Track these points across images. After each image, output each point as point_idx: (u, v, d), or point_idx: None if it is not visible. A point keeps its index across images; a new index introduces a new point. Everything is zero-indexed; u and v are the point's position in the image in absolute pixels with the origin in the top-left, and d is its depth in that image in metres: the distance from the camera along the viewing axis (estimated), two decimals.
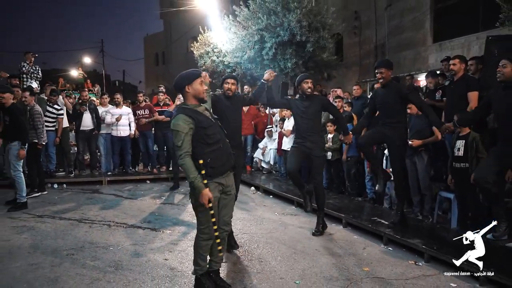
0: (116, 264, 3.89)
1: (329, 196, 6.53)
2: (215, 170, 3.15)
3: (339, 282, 3.55)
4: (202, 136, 3.11)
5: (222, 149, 3.22)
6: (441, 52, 12.01)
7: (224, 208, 3.34)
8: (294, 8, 10.28)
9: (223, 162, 3.23)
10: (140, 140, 8.92)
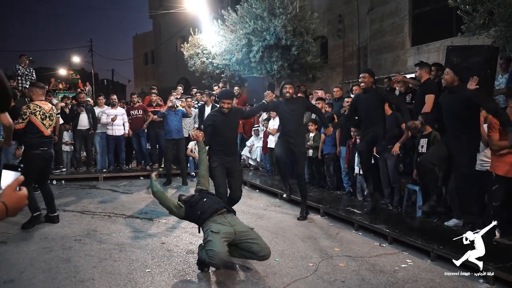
0: (119, 247, 4.45)
1: (310, 190, 7.15)
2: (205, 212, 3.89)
3: (312, 259, 4.16)
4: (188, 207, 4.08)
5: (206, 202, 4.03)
6: (418, 55, 12.74)
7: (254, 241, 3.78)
8: (279, 13, 10.87)
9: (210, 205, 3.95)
10: (133, 138, 9.44)
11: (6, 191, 1.36)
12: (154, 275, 3.69)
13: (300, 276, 3.71)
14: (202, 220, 3.83)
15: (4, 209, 1.33)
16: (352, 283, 3.57)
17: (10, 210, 1.34)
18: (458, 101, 4.45)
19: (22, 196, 1.39)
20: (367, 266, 4.00)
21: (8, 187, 1.37)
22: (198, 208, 3.91)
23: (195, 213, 3.91)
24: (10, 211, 1.34)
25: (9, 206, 1.34)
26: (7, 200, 1.34)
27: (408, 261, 4.16)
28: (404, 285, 3.56)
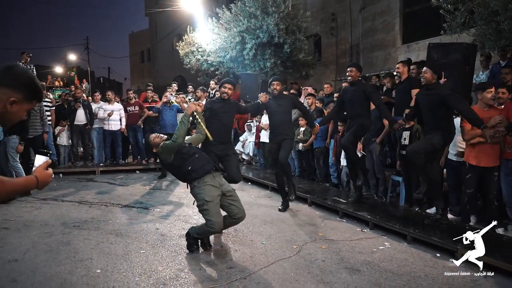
0: (116, 232, 4.72)
1: (300, 182, 7.45)
2: (197, 171, 3.99)
3: (297, 242, 4.45)
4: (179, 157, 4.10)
5: (198, 158, 4.09)
6: (409, 53, 13.03)
7: (234, 203, 4.11)
8: (272, 12, 11.15)
9: (202, 165, 4.04)
10: (130, 133, 9.69)
11: (38, 169, 1.83)
12: (148, 255, 3.97)
13: (284, 256, 4.00)
14: (191, 178, 4.02)
15: (36, 182, 1.76)
16: (331, 262, 3.86)
17: (40, 183, 1.77)
18: (434, 98, 4.70)
19: (49, 174, 1.85)
20: (347, 248, 4.29)
21: (40, 166, 1.84)
22: (190, 163, 4.03)
23: (185, 168, 4.04)
24: (40, 184, 1.77)
25: (40, 180, 1.77)
26: (38, 175, 1.79)
27: (386, 244, 4.46)
28: (379, 263, 3.85)
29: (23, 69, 1.66)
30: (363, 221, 5.22)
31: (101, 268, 3.63)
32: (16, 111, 1.64)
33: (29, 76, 1.65)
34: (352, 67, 5.72)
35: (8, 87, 1.59)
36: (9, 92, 1.59)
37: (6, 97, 1.59)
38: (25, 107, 1.67)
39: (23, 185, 1.75)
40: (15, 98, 1.60)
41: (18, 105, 1.62)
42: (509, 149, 4.48)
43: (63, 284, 3.28)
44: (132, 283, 3.32)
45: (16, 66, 1.63)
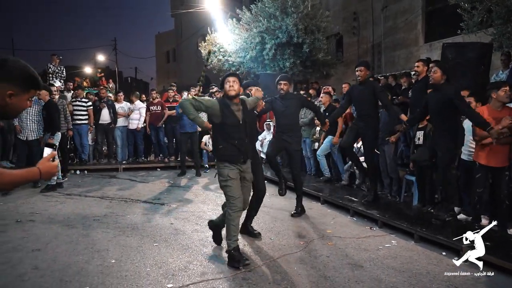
0: (132, 226, 4.96)
1: (314, 181, 7.56)
2: (224, 156, 3.90)
3: (305, 238, 4.58)
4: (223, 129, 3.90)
5: (235, 146, 3.89)
6: (431, 52, 12.85)
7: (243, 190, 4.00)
8: (291, 12, 11.26)
9: (233, 154, 3.89)
10: (152, 132, 10.02)
11: (42, 160, 1.88)
12: (161, 248, 4.18)
13: (290, 252, 4.13)
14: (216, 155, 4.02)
15: (39, 172, 1.82)
16: (336, 258, 3.97)
17: (43, 173, 1.83)
18: (441, 99, 4.71)
19: (53, 165, 1.89)
20: (354, 245, 4.38)
21: (44, 158, 1.90)
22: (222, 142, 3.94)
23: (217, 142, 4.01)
24: (43, 174, 1.84)
25: (43, 171, 1.83)
26: (41, 167, 1.84)
27: (393, 242, 4.52)
28: (383, 260, 3.93)
29: (15, 61, 1.70)
30: (373, 220, 5.28)
31: (116, 258, 3.86)
32: (16, 102, 1.71)
33: (22, 67, 1.71)
34: (361, 66, 5.71)
35: (3, 81, 1.66)
36: (5, 86, 1.66)
37: (3, 91, 1.67)
38: (25, 97, 1.74)
39: (24, 176, 1.79)
40: (12, 91, 1.67)
41: (16, 97, 1.70)
42: None
43: (79, 272, 3.52)
44: (143, 273, 3.53)
45: (7, 60, 1.68)
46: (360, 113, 5.83)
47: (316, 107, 6.46)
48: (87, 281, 3.33)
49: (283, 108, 5.55)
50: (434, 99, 4.79)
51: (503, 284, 3.44)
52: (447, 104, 4.59)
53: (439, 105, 4.71)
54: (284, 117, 5.58)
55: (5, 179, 1.70)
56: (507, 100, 4.80)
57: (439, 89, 4.74)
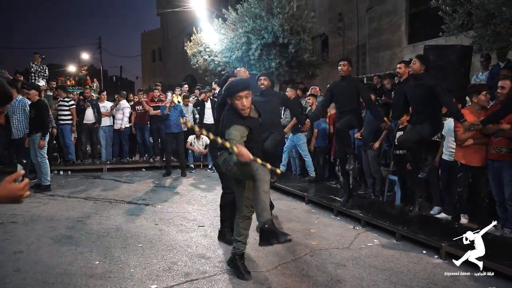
0: (117, 227, 4.94)
1: (299, 180, 7.62)
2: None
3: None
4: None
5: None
6: (415, 53, 12.93)
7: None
8: (277, 13, 11.31)
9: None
10: (137, 132, 9.97)
11: (4, 182, 1.63)
12: (145, 249, 4.18)
13: (274, 251, 4.16)
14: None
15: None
16: (319, 258, 4.02)
17: (1, 198, 1.61)
18: (423, 88, 4.82)
19: (15, 187, 1.63)
20: (336, 244, 4.45)
21: (6, 179, 1.64)
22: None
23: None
24: (2, 199, 1.61)
25: (1, 195, 1.61)
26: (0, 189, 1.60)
27: (375, 240, 4.60)
28: (365, 259, 4.00)
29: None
30: (356, 219, 5.36)
31: (100, 260, 3.85)
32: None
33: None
34: (344, 61, 5.71)
35: None
36: None
37: None
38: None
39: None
40: None
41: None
42: (494, 150, 4.57)
43: (63, 273, 3.51)
44: (127, 274, 3.53)
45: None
46: (341, 109, 5.75)
47: (296, 108, 6.38)
48: (70, 283, 3.32)
49: (263, 103, 5.30)
50: (416, 90, 4.87)
51: (482, 281, 3.52)
52: (427, 93, 4.68)
53: (420, 95, 4.78)
54: (264, 112, 5.50)
55: None
56: (487, 104, 4.93)
57: (419, 79, 4.82)
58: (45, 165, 7.02)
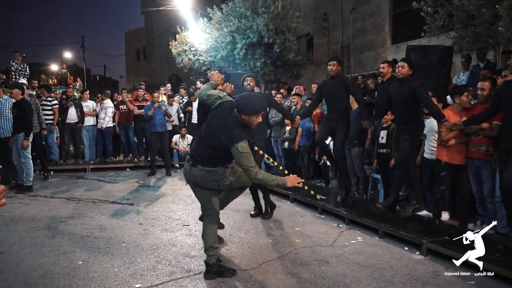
0: (100, 227, 4.90)
1: None
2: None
3: (273, 236, 4.66)
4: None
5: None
6: (398, 53, 13.20)
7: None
8: (262, 12, 11.33)
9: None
10: (121, 132, 9.88)
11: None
12: (129, 248, 4.16)
13: (259, 249, 4.20)
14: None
15: None
16: (303, 255, 4.06)
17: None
18: (406, 91, 4.87)
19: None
20: (321, 242, 4.49)
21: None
22: None
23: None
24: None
25: None
26: None
27: (359, 238, 4.66)
28: (348, 256, 4.05)
29: None
30: (340, 217, 5.41)
31: (83, 260, 3.82)
32: None
33: None
34: (333, 61, 5.74)
35: None
36: None
37: None
38: None
39: None
40: None
41: None
42: (474, 148, 4.67)
43: (45, 274, 3.47)
44: (111, 274, 3.51)
45: None
46: (332, 108, 5.80)
47: (281, 107, 6.37)
48: (53, 284, 3.29)
49: None
50: (398, 92, 4.89)
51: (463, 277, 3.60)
52: (411, 96, 4.71)
53: (403, 97, 4.81)
54: None
55: None
56: (469, 105, 5.03)
57: (405, 82, 4.85)
58: (29, 166, 6.91)
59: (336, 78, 5.77)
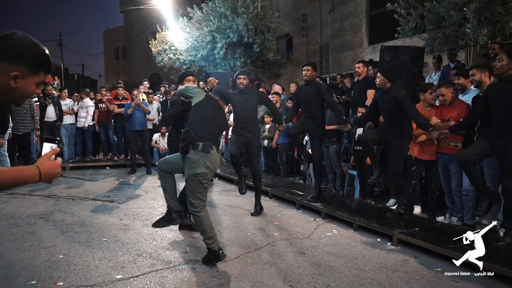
0: (80, 223, 4.95)
1: (264, 177, 7.79)
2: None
3: (252, 230, 4.79)
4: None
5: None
6: (375, 54, 13.51)
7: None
8: (242, 12, 11.49)
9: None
10: (101, 130, 9.86)
11: (42, 159, 1.55)
12: (110, 243, 4.23)
13: (238, 242, 4.32)
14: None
15: (38, 173, 1.49)
16: (280, 247, 4.21)
17: (43, 175, 1.51)
18: (391, 101, 4.90)
19: (55, 164, 1.56)
20: (297, 235, 4.65)
21: (45, 155, 1.56)
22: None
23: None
24: (43, 176, 1.51)
25: (43, 172, 1.50)
26: (41, 166, 1.50)
27: (334, 231, 4.84)
28: (323, 247, 4.22)
29: (22, 37, 1.44)
30: (317, 212, 5.59)
31: (64, 254, 3.87)
32: (23, 86, 1.44)
33: (30, 44, 1.45)
34: (308, 66, 5.80)
35: (6, 61, 1.40)
36: (8, 67, 1.40)
37: (6, 72, 1.40)
38: (33, 80, 1.47)
39: (22, 176, 1.47)
40: (17, 72, 1.41)
41: (23, 80, 1.43)
42: (443, 144, 4.91)
43: (26, 267, 3.52)
44: (92, 266, 3.58)
45: (13, 35, 1.42)
46: (307, 113, 5.88)
47: (274, 106, 6.41)
48: (34, 276, 3.34)
49: (242, 102, 5.53)
50: (385, 101, 4.96)
51: (428, 262, 3.81)
52: (396, 106, 4.77)
53: (390, 106, 4.88)
54: (243, 111, 5.54)
55: (5, 178, 1.43)
56: (433, 102, 5.28)
57: (388, 92, 4.92)
58: (6, 165, 6.85)
59: (311, 84, 5.83)
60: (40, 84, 1.54)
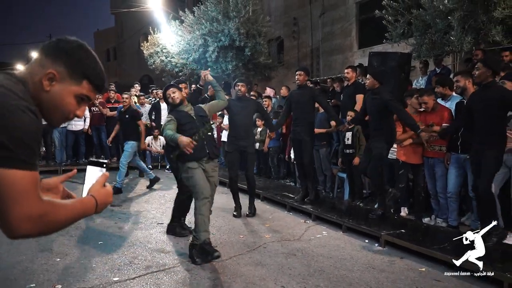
0: (76, 226, 5.02)
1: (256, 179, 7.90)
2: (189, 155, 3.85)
3: (244, 232, 4.93)
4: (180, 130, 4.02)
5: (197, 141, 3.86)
6: (364, 58, 13.70)
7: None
8: (233, 16, 11.61)
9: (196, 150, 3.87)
10: (94, 133, 9.92)
11: (95, 186, 1.29)
12: (106, 246, 4.33)
13: (230, 244, 4.45)
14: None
15: (94, 204, 1.24)
16: (272, 248, 4.35)
17: (99, 205, 1.26)
18: (378, 102, 5.07)
19: (109, 192, 1.31)
20: (288, 237, 4.79)
21: (97, 182, 1.30)
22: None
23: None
24: (99, 206, 1.26)
25: (99, 202, 1.25)
26: (96, 195, 1.25)
27: (324, 232, 5.00)
28: (313, 249, 4.36)
29: (73, 40, 1.22)
30: (308, 214, 5.74)
31: (61, 257, 3.97)
32: (58, 93, 1.16)
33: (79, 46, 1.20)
34: (300, 71, 5.94)
35: (49, 56, 1.16)
36: (48, 63, 1.15)
37: (43, 70, 1.14)
38: (72, 88, 1.17)
39: (80, 210, 1.20)
40: (53, 71, 1.14)
41: (59, 84, 1.15)
42: (429, 148, 5.10)
43: (24, 270, 3.61)
44: (89, 269, 3.68)
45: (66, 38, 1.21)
46: (297, 117, 5.99)
47: (268, 115, 6.59)
48: (32, 279, 3.44)
49: (239, 109, 5.64)
50: (372, 102, 5.12)
51: (412, 264, 3.98)
52: (383, 107, 4.95)
53: (377, 107, 5.05)
54: (240, 118, 5.65)
55: (61, 215, 1.12)
56: (418, 107, 5.45)
57: (377, 93, 5.08)
58: None
59: (303, 88, 5.98)
60: (82, 101, 1.23)
